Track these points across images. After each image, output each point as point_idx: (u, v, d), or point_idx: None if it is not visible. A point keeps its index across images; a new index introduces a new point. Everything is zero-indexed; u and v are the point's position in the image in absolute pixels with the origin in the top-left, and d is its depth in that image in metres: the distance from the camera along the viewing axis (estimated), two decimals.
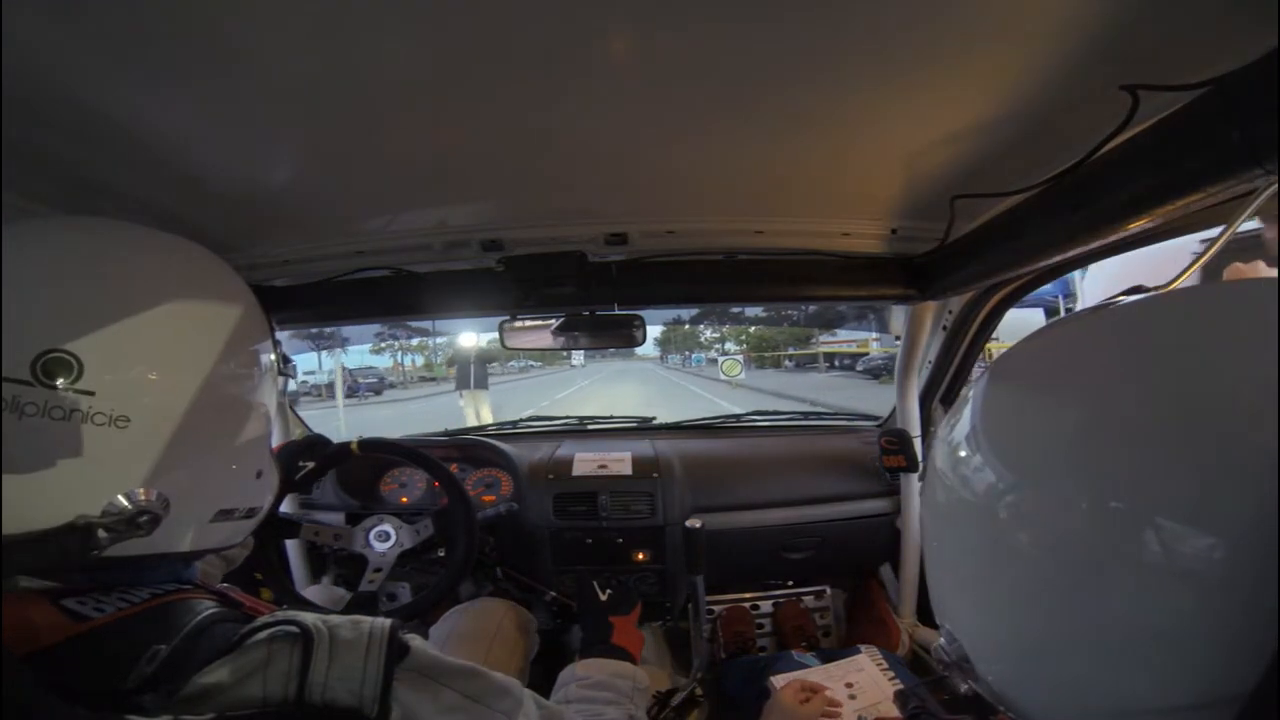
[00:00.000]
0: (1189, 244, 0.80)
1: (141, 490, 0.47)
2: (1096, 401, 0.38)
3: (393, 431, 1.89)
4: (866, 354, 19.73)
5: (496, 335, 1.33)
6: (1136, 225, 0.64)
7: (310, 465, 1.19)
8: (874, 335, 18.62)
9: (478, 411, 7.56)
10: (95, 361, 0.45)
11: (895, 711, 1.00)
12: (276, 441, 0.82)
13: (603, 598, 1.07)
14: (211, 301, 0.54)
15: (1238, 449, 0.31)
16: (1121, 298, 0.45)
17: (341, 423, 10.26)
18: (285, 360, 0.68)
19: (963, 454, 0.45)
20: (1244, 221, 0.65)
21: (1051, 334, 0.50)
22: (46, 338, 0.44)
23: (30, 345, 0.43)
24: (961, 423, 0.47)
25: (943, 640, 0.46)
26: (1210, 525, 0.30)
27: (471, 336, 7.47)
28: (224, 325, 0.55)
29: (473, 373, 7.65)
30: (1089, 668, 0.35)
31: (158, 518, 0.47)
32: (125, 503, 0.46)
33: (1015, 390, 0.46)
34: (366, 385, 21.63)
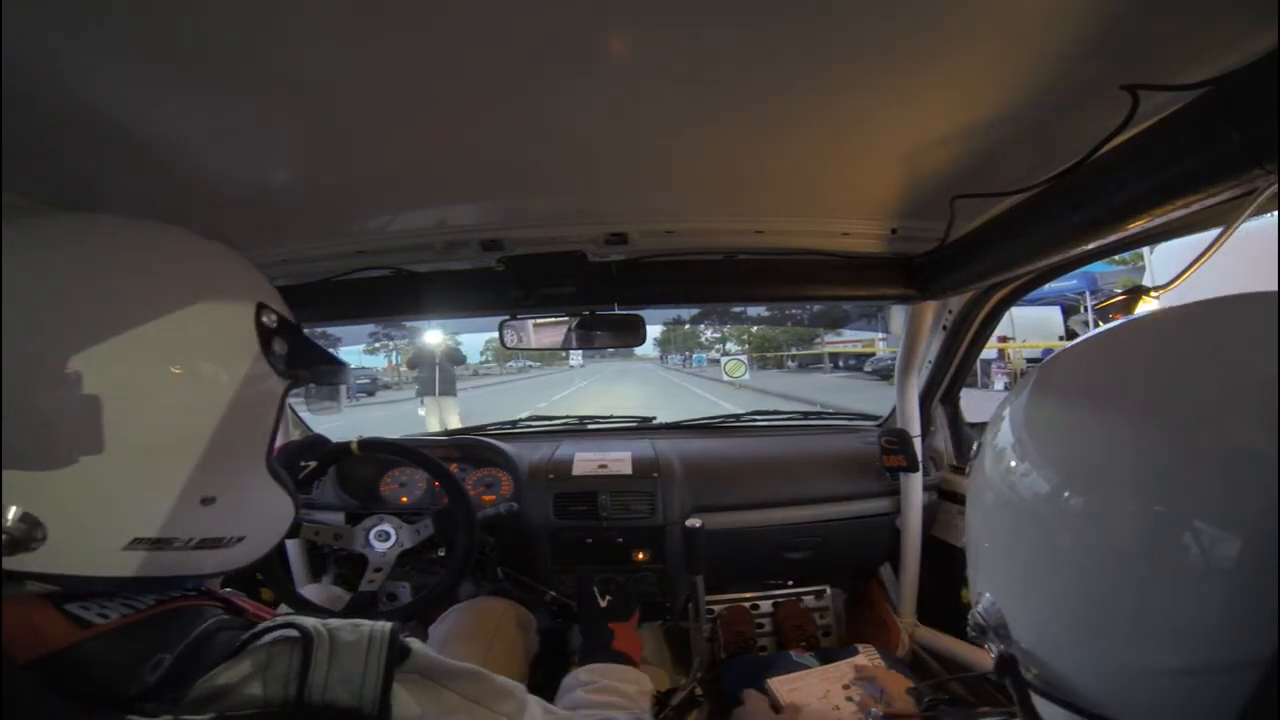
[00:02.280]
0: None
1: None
2: (1150, 411, 0.40)
3: (383, 433, 1.89)
4: (873, 354, 19.58)
5: (463, 334, 1.32)
6: (1136, 225, 0.64)
7: (310, 465, 1.19)
8: (880, 335, 18.53)
9: (444, 423, 5.95)
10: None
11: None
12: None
13: (602, 604, 1.07)
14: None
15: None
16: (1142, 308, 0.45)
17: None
18: None
19: (1014, 460, 0.46)
20: (1244, 221, 0.65)
21: (1112, 340, 0.49)
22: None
23: None
24: (1015, 426, 0.48)
25: (982, 606, 0.48)
26: (1236, 527, 0.34)
27: (437, 334, 6.18)
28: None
29: (438, 376, 6.30)
30: (1122, 643, 0.39)
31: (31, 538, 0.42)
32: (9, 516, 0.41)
33: (1071, 397, 0.46)
34: (358, 386, 21.66)
